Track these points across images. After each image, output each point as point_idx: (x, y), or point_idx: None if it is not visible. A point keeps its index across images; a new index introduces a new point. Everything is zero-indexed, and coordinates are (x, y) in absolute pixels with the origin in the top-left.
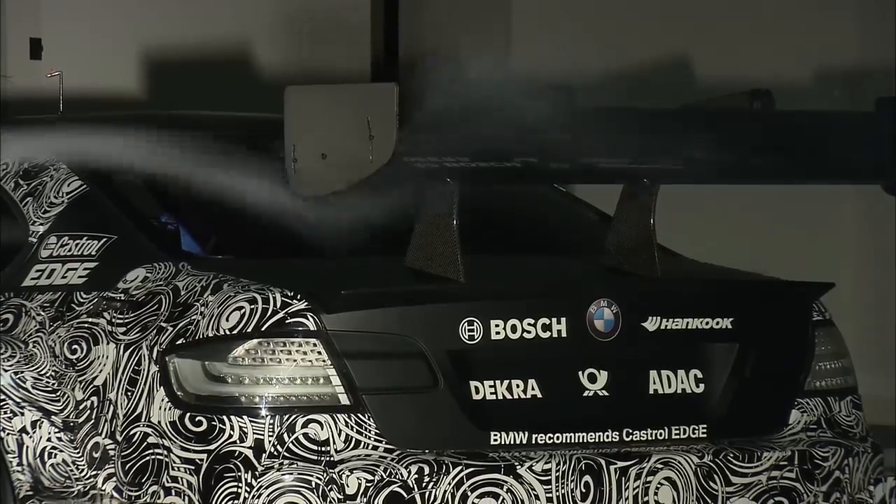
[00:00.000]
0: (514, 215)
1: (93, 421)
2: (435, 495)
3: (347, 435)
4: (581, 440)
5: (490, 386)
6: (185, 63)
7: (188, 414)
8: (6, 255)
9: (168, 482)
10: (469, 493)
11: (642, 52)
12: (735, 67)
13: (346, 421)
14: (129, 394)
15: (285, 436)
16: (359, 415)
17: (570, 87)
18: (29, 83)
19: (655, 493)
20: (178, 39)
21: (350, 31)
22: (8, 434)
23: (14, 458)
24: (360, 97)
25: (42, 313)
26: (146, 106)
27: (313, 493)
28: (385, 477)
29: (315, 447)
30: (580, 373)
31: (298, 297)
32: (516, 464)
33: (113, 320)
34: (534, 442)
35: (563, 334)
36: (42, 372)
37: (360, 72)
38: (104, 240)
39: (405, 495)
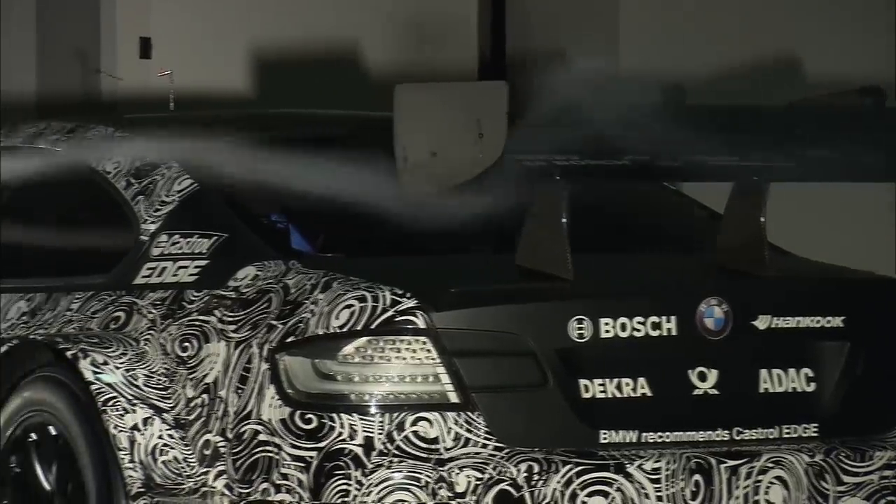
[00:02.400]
0: (623, 213)
1: (204, 418)
2: (544, 494)
3: (457, 433)
4: (691, 439)
5: (599, 384)
6: (294, 61)
7: (298, 412)
8: (118, 254)
9: (278, 479)
10: (578, 492)
11: (751, 48)
12: (846, 64)
13: (455, 419)
14: (240, 391)
15: (395, 434)
16: (468, 413)
17: (678, 84)
18: (139, 82)
19: (766, 493)
20: (286, 38)
21: (457, 29)
22: (120, 431)
23: (126, 454)
24: (470, 95)
25: (153, 311)
26: (255, 104)
27: (423, 490)
28: (494, 475)
29: (424, 445)
30: (690, 371)
31: (408, 295)
32: (626, 462)
33: (223, 318)
34: (643, 441)
35: (673, 333)
36: (153, 369)
37: (467, 70)
38: (215, 238)
39: (514, 493)
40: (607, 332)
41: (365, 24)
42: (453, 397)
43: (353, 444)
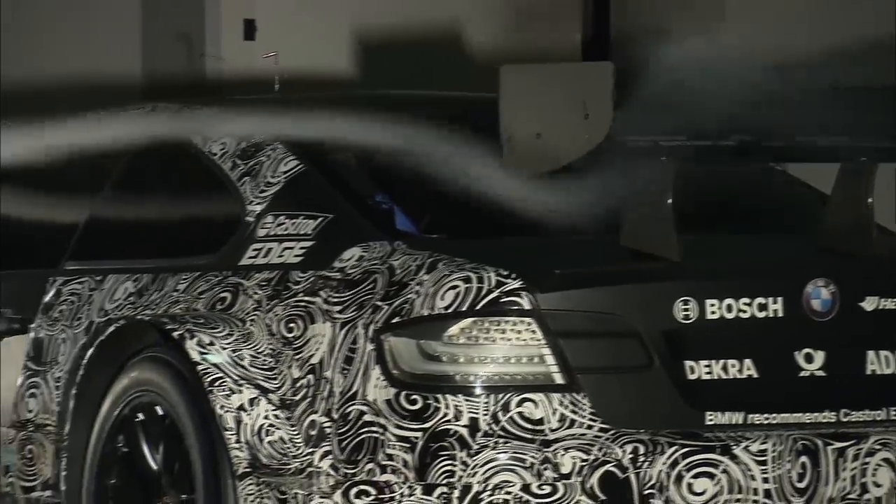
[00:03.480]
0: (729, 194)
1: (309, 399)
2: (650, 475)
3: (562, 414)
4: (797, 421)
5: (705, 366)
6: (397, 42)
7: (403, 392)
8: (224, 235)
9: (384, 460)
10: (684, 473)
11: (858, 27)
12: None
13: (560, 400)
14: (345, 372)
15: (500, 414)
16: (573, 394)
17: (786, 64)
18: (243, 64)
19: (873, 475)
20: (389, 18)
21: (561, 9)
22: (226, 411)
23: (232, 434)
24: (575, 76)
25: (259, 292)
26: (359, 85)
27: (528, 471)
28: (600, 456)
29: (529, 426)
30: (796, 353)
31: (513, 276)
32: (732, 444)
33: (329, 299)
34: (749, 422)
35: (780, 314)
36: (259, 350)
37: (570, 51)
38: (320, 219)
39: (620, 475)
40: (713, 313)
41: (468, 5)
42: (558, 378)
43: (459, 425)
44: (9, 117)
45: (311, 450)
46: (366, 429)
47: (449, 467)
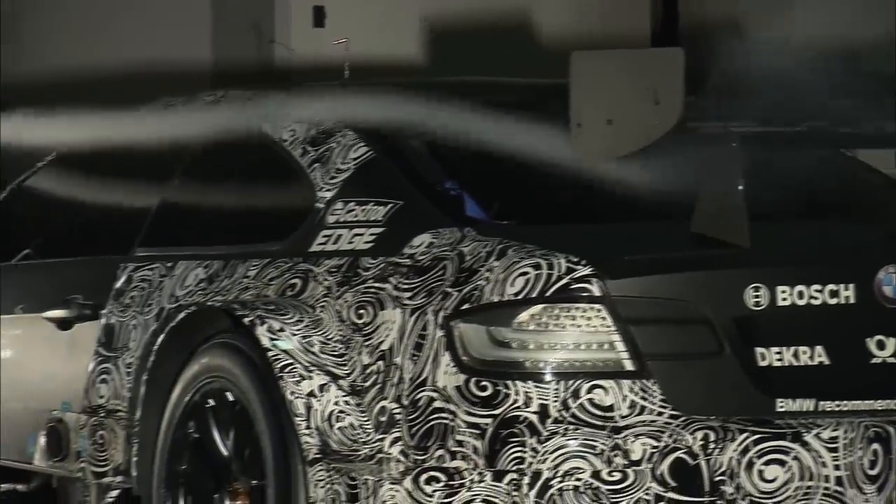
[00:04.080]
0: (800, 180)
1: (379, 385)
2: (720, 462)
3: (632, 401)
4: (869, 407)
5: (776, 352)
6: (467, 28)
7: (473, 379)
8: (294, 221)
9: (454, 446)
10: (755, 460)
11: None
12: None
13: (630, 387)
14: (415, 358)
15: (570, 401)
16: (643, 381)
17: (854, 49)
18: (313, 50)
19: None
20: (458, 5)
21: None
22: (296, 397)
23: (302, 420)
24: (646, 62)
25: (329, 278)
26: (428, 72)
27: (598, 458)
28: (670, 443)
29: (600, 413)
30: (868, 339)
31: (583, 263)
32: (803, 431)
33: (399, 285)
34: (820, 409)
35: (851, 300)
36: (329, 336)
37: (639, 37)
38: (390, 205)
39: (690, 461)
40: (784, 299)
41: None
42: (628, 365)
43: (528, 412)
44: (82, 103)
45: (381, 436)
46: (436, 415)
47: (519, 454)
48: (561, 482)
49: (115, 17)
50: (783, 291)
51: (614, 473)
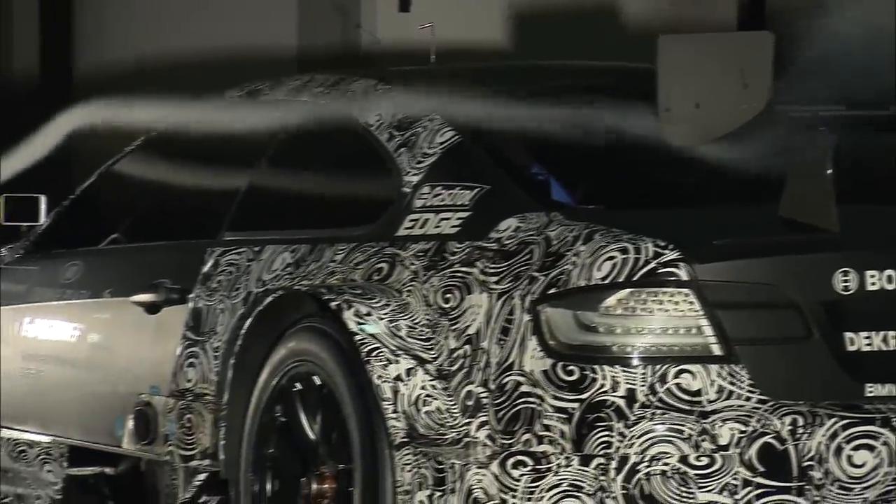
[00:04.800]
0: (889, 163)
1: (466, 369)
2: (809, 447)
3: (720, 385)
4: None
5: (865, 337)
6: (552, 12)
7: (560, 363)
8: (381, 206)
9: (540, 430)
10: (844, 445)
11: None
12: None
13: (718, 371)
14: (502, 343)
15: (657, 385)
16: (731, 365)
17: None
18: (398, 35)
19: None
20: None
21: None
22: (383, 381)
23: (389, 404)
24: (734, 46)
25: (416, 262)
26: (515, 56)
27: (685, 443)
28: (758, 428)
29: (687, 397)
30: None
31: (671, 247)
32: (892, 416)
33: (485, 270)
34: None
35: None
36: (416, 320)
37: (726, 21)
38: (477, 190)
39: (778, 446)
40: (873, 283)
41: None
42: (716, 349)
43: (616, 396)
44: (170, 88)
45: (467, 420)
46: (522, 399)
47: (606, 438)
48: (648, 467)
49: (200, 2)
50: (872, 276)
51: (702, 458)
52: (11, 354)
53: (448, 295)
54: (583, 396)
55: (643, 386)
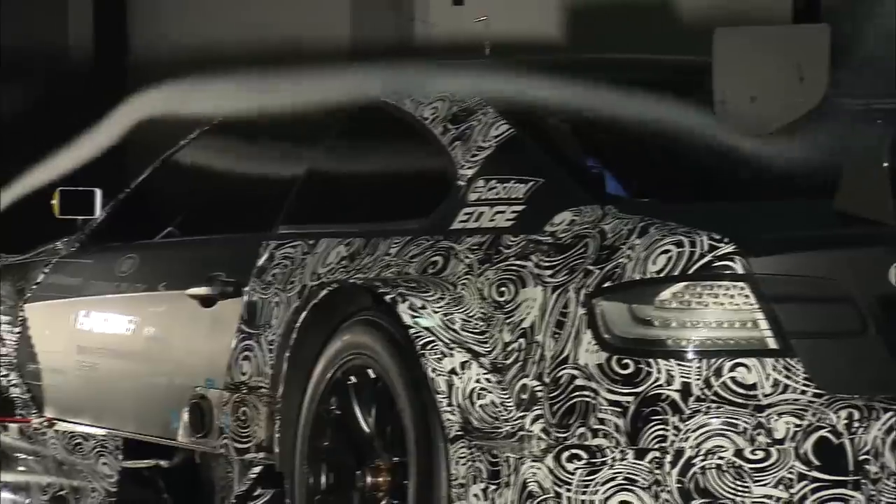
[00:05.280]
0: None
1: (521, 363)
2: (864, 441)
3: (775, 379)
4: None
5: None
6: (606, 6)
7: (615, 357)
8: (435, 199)
9: (595, 424)
10: None
11: None
12: None
13: (773, 365)
14: (557, 336)
15: (712, 379)
16: (787, 359)
17: None
18: (452, 28)
19: None
20: None
21: None
22: (438, 375)
23: (444, 398)
24: (790, 38)
25: (470, 256)
26: (569, 50)
27: (741, 436)
28: (814, 422)
29: (742, 391)
30: None
31: (726, 241)
32: None
33: (540, 263)
34: None
35: None
36: (470, 314)
37: (780, 13)
38: (531, 183)
39: (834, 440)
40: None
41: None
42: (771, 343)
43: (671, 390)
44: (221, 77)
45: (522, 414)
46: (577, 393)
47: (661, 432)
48: (703, 460)
49: None
50: None
51: (757, 452)
52: (67, 348)
53: (503, 288)
54: (638, 390)
55: (698, 379)
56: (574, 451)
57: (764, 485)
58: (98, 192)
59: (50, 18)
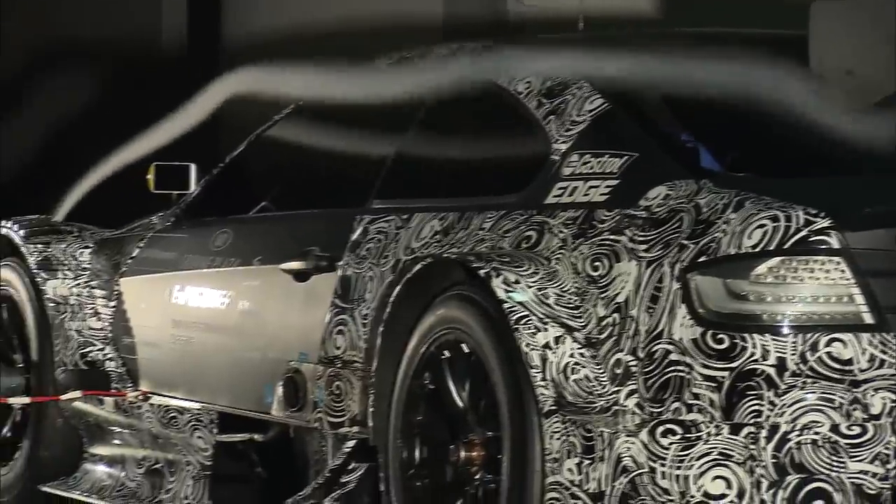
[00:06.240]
0: None
1: (615, 337)
2: None
3: (872, 354)
4: None
5: None
6: None
7: (710, 331)
8: (529, 173)
9: (690, 399)
10: None
11: None
12: None
13: (869, 340)
14: (651, 311)
15: (808, 354)
16: (883, 334)
17: None
18: (546, 3)
19: None
20: None
21: None
22: (532, 349)
23: (538, 372)
24: (888, 10)
25: (564, 230)
26: (662, 24)
27: (836, 412)
28: None
29: (838, 366)
30: None
31: (822, 215)
32: None
33: (634, 238)
34: None
35: None
36: (564, 288)
37: None
38: (625, 157)
39: None
40: None
41: None
42: (868, 318)
43: (766, 365)
44: (317, 56)
45: (616, 388)
46: (672, 368)
47: (756, 407)
48: (799, 436)
49: None
50: None
51: (853, 427)
52: (162, 322)
53: (597, 263)
54: (732, 365)
55: (794, 355)
56: (669, 425)
57: (860, 460)
58: (193, 167)
59: (144, 4)
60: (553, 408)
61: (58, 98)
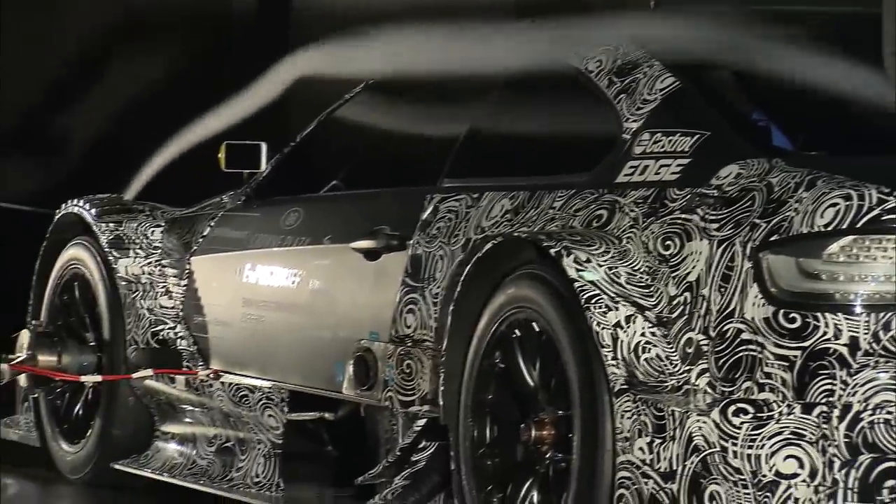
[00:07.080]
0: None
1: (686, 316)
2: None
3: None
4: None
5: None
6: None
7: (782, 310)
8: (600, 152)
9: (761, 378)
10: None
11: None
12: None
13: None
14: (723, 290)
15: (881, 333)
16: None
17: None
18: None
19: None
20: None
21: None
22: (603, 328)
23: (608, 351)
24: None
25: (635, 209)
26: (736, 2)
27: None
28: None
29: None
30: None
31: (895, 194)
32: None
33: (706, 216)
34: None
35: None
36: (635, 267)
37: None
38: (697, 136)
39: None
40: None
41: None
42: None
43: (838, 344)
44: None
45: (687, 367)
46: (743, 347)
47: (828, 386)
48: (872, 415)
49: None
50: None
51: None
52: (233, 300)
53: (668, 242)
54: (805, 344)
55: (866, 334)
56: (740, 405)
57: None
58: (264, 146)
59: None
60: (624, 387)
61: (128, 75)
